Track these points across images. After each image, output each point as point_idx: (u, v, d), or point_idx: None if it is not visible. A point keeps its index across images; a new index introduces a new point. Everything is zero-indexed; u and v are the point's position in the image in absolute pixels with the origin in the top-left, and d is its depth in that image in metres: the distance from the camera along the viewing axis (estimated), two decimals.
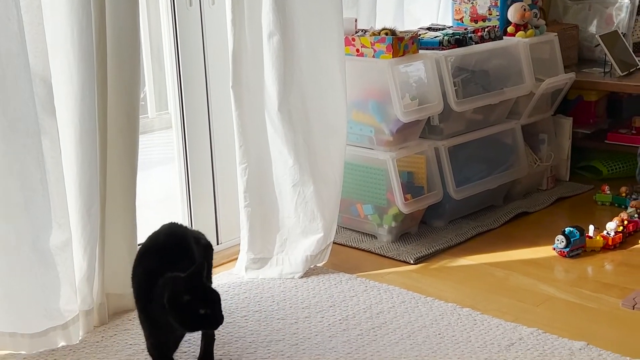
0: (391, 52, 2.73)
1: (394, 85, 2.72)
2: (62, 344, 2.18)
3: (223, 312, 1.82)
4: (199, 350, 2.09)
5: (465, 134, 3.05)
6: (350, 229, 3.01)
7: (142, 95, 3.06)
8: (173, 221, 2.09)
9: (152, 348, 1.96)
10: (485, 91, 3.04)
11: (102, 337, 2.24)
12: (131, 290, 2.38)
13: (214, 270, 2.26)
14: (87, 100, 2.11)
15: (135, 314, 2.35)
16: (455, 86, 2.91)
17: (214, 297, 1.81)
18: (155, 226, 2.07)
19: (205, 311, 1.77)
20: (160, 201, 3.15)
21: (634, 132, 3.43)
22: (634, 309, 2.33)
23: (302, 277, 2.62)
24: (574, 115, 3.51)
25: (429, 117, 2.91)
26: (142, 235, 2.46)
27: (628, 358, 2.03)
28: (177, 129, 2.72)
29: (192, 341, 2.16)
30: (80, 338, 2.22)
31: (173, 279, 1.81)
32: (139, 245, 2.11)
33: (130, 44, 2.20)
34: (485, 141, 3.14)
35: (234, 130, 2.53)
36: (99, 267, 2.26)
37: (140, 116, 2.33)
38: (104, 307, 2.32)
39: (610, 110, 3.74)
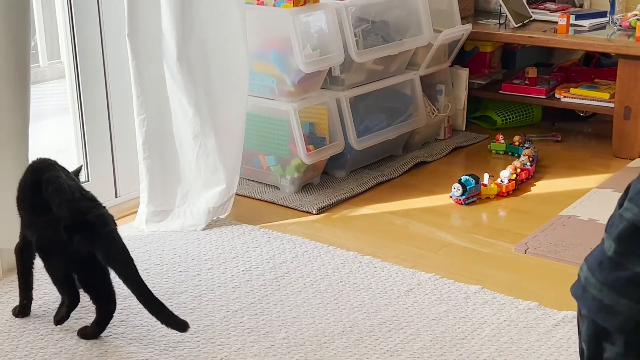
0: (292, 1, 2.71)
1: (295, 35, 2.70)
2: None
3: None
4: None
5: (365, 85, 3.07)
6: (253, 180, 3.00)
7: (32, 44, 2.92)
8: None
9: None
10: (385, 42, 3.07)
11: None
12: None
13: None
14: None
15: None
16: (355, 36, 2.92)
17: None
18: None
19: None
20: (54, 154, 3.04)
21: (527, 82, 3.54)
22: (525, 253, 2.44)
23: (204, 229, 2.60)
24: (470, 66, 3.59)
25: (330, 67, 2.91)
26: None
27: (520, 299, 2.13)
28: (71, 79, 2.62)
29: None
30: None
31: None
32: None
33: None
34: (385, 92, 3.18)
35: (131, 81, 2.46)
36: None
37: (31, 65, 2.23)
38: None
39: (505, 61, 3.84)
